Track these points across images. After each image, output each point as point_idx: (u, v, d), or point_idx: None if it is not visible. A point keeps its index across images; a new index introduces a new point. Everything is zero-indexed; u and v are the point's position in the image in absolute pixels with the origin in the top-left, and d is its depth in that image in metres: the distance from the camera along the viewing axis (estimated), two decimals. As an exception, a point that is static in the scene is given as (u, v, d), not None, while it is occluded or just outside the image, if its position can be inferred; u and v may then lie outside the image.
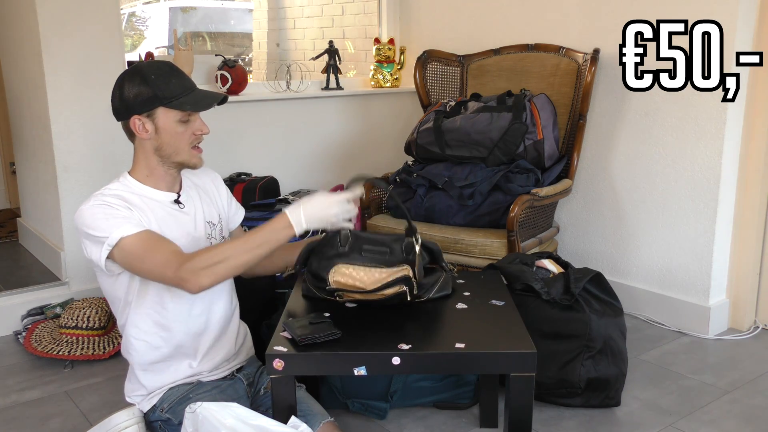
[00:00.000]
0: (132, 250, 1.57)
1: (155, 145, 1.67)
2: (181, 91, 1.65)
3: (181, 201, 1.74)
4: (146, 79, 1.62)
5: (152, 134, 1.66)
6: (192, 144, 1.70)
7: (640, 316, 2.91)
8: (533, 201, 2.54)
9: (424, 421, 2.12)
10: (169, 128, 1.65)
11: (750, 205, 2.70)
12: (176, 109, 1.64)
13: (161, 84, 1.62)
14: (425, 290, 1.76)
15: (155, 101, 1.62)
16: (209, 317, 1.77)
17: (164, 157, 1.68)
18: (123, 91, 1.64)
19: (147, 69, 1.65)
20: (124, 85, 1.64)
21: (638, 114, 2.83)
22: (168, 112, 1.64)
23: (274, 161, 3.39)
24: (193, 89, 1.68)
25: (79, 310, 2.60)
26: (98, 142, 2.90)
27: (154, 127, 1.65)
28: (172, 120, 1.65)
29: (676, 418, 2.13)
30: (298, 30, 6.21)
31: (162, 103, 1.63)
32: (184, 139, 1.67)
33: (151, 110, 1.63)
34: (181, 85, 1.66)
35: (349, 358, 1.49)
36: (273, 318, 2.30)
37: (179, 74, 1.68)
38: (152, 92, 1.62)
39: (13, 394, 2.33)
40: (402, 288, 1.69)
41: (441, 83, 3.19)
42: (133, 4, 7.68)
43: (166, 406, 1.72)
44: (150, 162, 1.69)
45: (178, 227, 1.70)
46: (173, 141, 1.66)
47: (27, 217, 3.57)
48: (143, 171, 1.71)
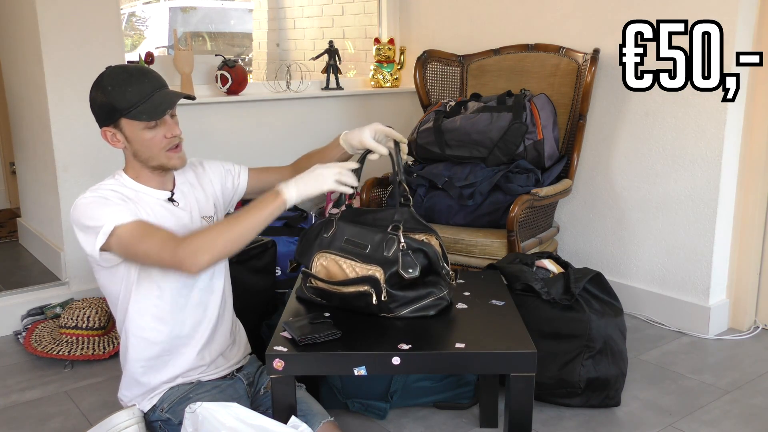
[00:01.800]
0: (128, 237, 1.57)
1: (132, 152, 1.68)
2: (138, 99, 1.60)
3: (175, 199, 1.75)
4: (105, 90, 1.61)
5: (125, 143, 1.66)
6: (166, 147, 1.66)
7: (640, 316, 2.91)
8: (533, 201, 2.54)
9: (424, 421, 2.12)
10: (137, 137, 1.64)
11: (750, 205, 2.70)
12: (134, 120, 1.61)
13: (117, 95, 1.60)
14: (398, 304, 1.61)
15: (115, 113, 1.61)
16: (207, 306, 1.77)
17: (143, 161, 1.68)
18: (92, 102, 1.64)
19: (106, 79, 1.62)
20: (92, 96, 1.64)
21: (638, 114, 2.83)
22: (130, 122, 1.62)
23: (274, 161, 3.38)
24: (152, 94, 1.62)
25: (79, 310, 2.60)
26: (98, 142, 2.86)
27: (124, 136, 1.65)
28: (137, 129, 1.63)
29: (676, 418, 2.13)
30: (298, 30, 6.20)
31: (122, 115, 1.61)
32: (155, 145, 1.65)
33: (116, 121, 1.63)
34: (138, 92, 1.61)
35: (349, 358, 1.49)
36: (273, 318, 2.31)
37: (137, 80, 1.61)
38: (111, 104, 1.60)
39: (13, 394, 2.33)
40: (365, 288, 1.60)
41: (441, 83, 3.19)
42: (133, 4, 7.68)
43: (166, 406, 1.72)
44: (135, 165, 1.70)
45: (175, 221, 1.70)
46: (145, 148, 1.65)
47: (27, 217, 3.57)
48: (133, 171, 1.72)
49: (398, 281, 1.61)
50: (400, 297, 1.61)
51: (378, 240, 1.63)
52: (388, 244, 1.62)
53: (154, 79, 1.64)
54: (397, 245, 1.61)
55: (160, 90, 1.64)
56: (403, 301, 1.62)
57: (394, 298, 1.60)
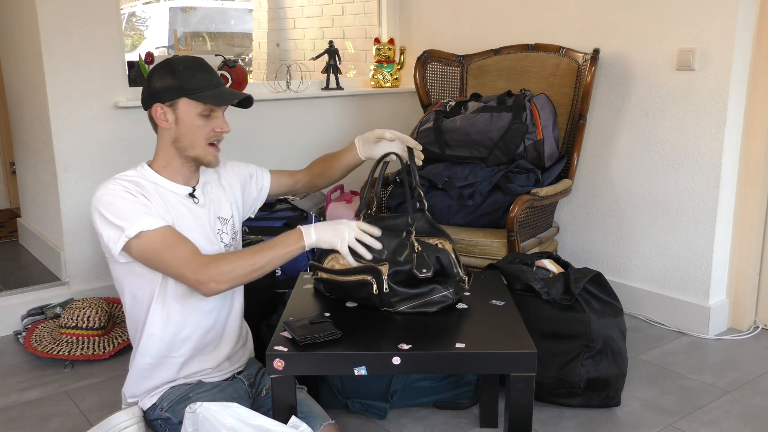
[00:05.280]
0: (152, 245, 1.58)
1: (174, 136, 1.69)
2: (205, 84, 1.67)
3: (196, 195, 1.75)
4: (174, 70, 1.65)
5: (172, 124, 1.68)
6: (209, 140, 1.71)
7: (640, 316, 2.91)
8: (533, 201, 2.54)
9: (424, 421, 2.12)
10: (189, 120, 1.67)
11: (750, 205, 2.70)
12: (198, 101, 1.65)
13: (187, 76, 1.65)
14: (399, 298, 1.64)
15: (178, 91, 1.65)
16: (219, 311, 1.79)
17: (181, 149, 1.70)
18: (152, 81, 1.68)
19: (177, 61, 1.68)
20: (154, 76, 1.68)
21: (638, 114, 2.83)
22: (190, 104, 1.66)
23: (274, 161, 3.39)
24: (219, 85, 1.70)
25: (79, 310, 2.60)
26: (98, 142, 2.91)
27: (174, 117, 1.67)
28: (192, 112, 1.67)
29: (676, 418, 2.14)
30: (298, 30, 6.21)
31: (185, 94, 1.65)
32: (201, 134, 1.69)
33: (174, 100, 1.66)
34: (206, 79, 1.68)
35: (349, 358, 1.49)
36: (273, 318, 2.31)
37: (208, 70, 1.70)
38: (177, 83, 1.64)
39: (13, 394, 2.33)
40: (366, 278, 1.63)
41: (441, 83, 3.19)
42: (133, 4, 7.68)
43: (166, 405, 1.72)
44: (168, 153, 1.71)
45: (192, 219, 1.72)
46: (191, 133, 1.68)
47: (27, 217, 3.57)
48: (161, 161, 1.72)
49: (404, 278, 1.64)
50: (401, 292, 1.64)
51: (394, 246, 1.67)
52: (403, 248, 1.66)
53: (218, 76, 1.72)
54: (411, 249, 1.65)
55: (223, 85, 1.72)
56: (404, 296, 1.65)
57: (396, 292, 1.64)
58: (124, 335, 2.66)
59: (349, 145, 1.98)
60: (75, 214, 2.90)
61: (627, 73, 2.83)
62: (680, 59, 2.64)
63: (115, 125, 2.93)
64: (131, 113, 2.95)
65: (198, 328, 1.75)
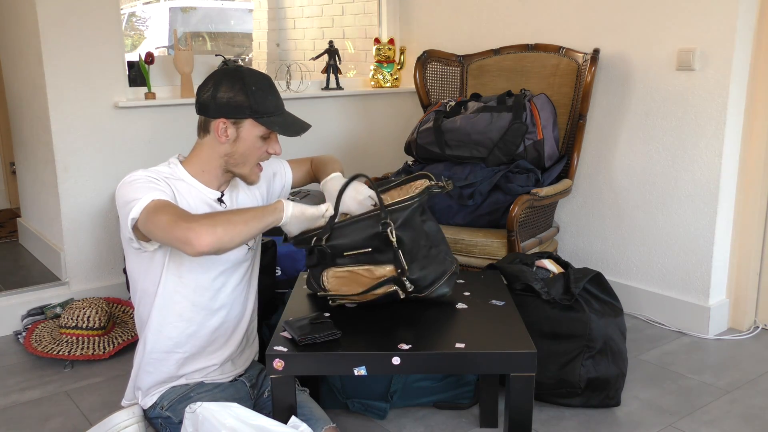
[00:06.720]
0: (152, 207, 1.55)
1: (228, 151, 1.69)
2: (274, 110, 1.68)
3: (224, 201, 1.76)
4: (246, 88, 1.64)
5: (230, 141, 1.67)
6: (260, 160, 1.73)
7: (640, 316, 2.91)
8: (533, 201, 2.54)
9: (424, 421, 2.12)
10: (249, 141, 1.67)
11: (750, 205, 2.70)
12: (265, 126, 1.66)
13: (259, 98, 1.65)
14: (423, 285, 1.68)
15: (248, 112, 1.64)
16: (228, 311, 1.79)
17: (230, 164, 1.70)
18: (218, 90, 1.65)
19: (249, 78, 1.66)
20: (222, 85, 1.65)
21: (638, 114, 2.83)
22: (255, 126, 1.66)
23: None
24: (283, 111, 1.71)
25: (79, 310, 2.60)
26: (98, 142, 2.90)
27: (236, 134, 1.67)
28: (255, 134, 1.67)
29: (676, 418, 2.14)
30: (298, 30, 6.21)
31: (253, 116, 1.65)
32: (256, 155, 1.70)
33: (241, 119, 1.65)
34: (276, 104, 1.69)
35: (349, 358, 1.49)
36: (273, 318, 2.31)
37: (276, 93, 1.70)
38: (248, 103, 1.64)
39: (13, 394, 2.33)
40: (392, 287, 1.66)
41: (441, 83, 3.19)
42: (133, 4, 7.68)
43: (166, 404, 1.73)
44: (211, 163, 1.71)
45: None
46: (247, 153, 1.69)
47: (27, 217, 3.57)
48: (198, 166, 1.72)
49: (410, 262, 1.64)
50: (421, 279, 1.67)
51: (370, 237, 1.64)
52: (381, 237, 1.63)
53: (281, 100, 1.73)
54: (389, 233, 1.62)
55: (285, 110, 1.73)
56: (424, 284, 1.68)
57: (416, 282, 1.66)
58: (124, 335, 2.66)
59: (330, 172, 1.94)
60: (75, 214, 2.90)
61: (627, 73, 2.83)
62: (680, 59, 2.64)
63: (115, 125, 2.93)
64: (131, 113, 2.95)
65: (204, 326, 1.75)
